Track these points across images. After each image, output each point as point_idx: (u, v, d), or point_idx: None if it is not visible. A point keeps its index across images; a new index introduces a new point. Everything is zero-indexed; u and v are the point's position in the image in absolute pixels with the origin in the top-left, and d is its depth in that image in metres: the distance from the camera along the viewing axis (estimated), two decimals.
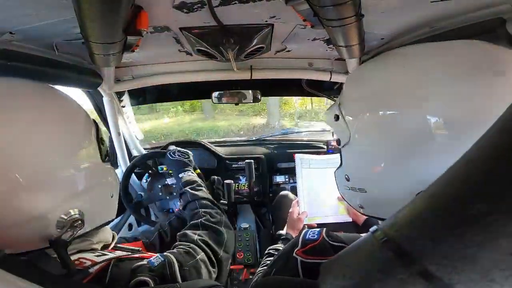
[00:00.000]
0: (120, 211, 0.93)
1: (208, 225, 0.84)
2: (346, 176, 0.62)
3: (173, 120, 7.71)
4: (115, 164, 1.67)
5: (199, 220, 0.86)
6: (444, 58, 0.52)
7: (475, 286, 0.23)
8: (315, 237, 0.59)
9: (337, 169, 0.66)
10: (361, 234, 0.41)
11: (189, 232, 0.81)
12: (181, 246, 0.75)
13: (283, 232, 1.05)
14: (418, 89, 0.50)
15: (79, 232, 0.58)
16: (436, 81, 0.49)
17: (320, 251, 0.56)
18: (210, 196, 1.00)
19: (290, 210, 1.12)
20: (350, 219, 1.06)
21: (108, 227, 0.74)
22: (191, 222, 0.86)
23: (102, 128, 1.45)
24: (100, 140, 0.67)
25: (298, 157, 1.21)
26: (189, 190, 1.00)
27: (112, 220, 0.74)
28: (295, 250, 0.58)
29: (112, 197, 0.70)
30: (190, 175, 1.10)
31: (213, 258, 0.77)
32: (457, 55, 0.52)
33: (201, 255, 0.74)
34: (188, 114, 7.78)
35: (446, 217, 0.26)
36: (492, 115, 0.43)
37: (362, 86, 0.60)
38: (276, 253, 0.87)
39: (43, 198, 0.53)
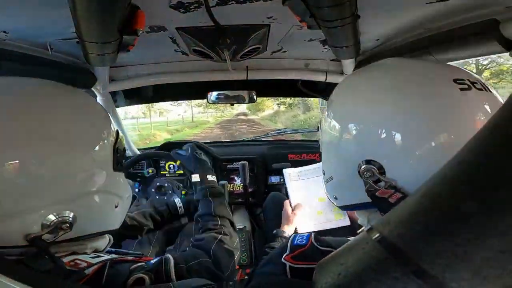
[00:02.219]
0: None
1: (224, 246, 0.82)
2: (323, 171, 0.68)
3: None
4: None
5: (219, 236, 0.84)
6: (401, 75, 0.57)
7: (468, 284, 0.23)
8: (304, 242, 0.59)
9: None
10: (349, 238, 0.42)
11: (206, 242, 0.80)
12: (192, 250, 0.77)
13: (279, 230, 1.05)
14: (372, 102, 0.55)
15: (62, 236, 0.55)
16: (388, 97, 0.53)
17: (309, 256, 0.55)
18: (231, 216, 0.96)
19: (284, 209, 1.12)
20: (346, 223, 1.05)
21: (108, 236, 0.71)
22: (210, 234, 0.85)
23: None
24: (116, 150, 0.65)
25: (286, 172, 1.20)
26: (217, 203, 0.95)
27: (114, 231, 0.70)
28: (284, 256, 0.57)
29: (116, 207, 0.67)
30: (215, 183, 1.05)
31: (216, 273, 0.75)
32: (413, 73, 0.56)
33: (205, 261, 0.74)
34: None
35: (438, 216, 0.26)
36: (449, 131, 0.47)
37: (330, 101, 0.65)
38: (270, 251, 0.87)
39: (35, 195, 0.52)
